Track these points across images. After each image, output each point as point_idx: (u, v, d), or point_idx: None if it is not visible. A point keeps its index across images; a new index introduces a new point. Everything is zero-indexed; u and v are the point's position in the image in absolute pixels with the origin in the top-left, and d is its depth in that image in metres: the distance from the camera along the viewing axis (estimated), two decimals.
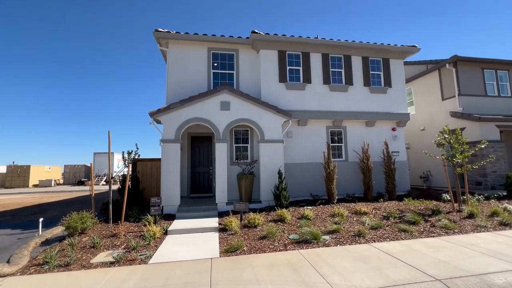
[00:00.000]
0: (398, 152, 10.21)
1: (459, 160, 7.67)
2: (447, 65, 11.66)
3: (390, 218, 6.88)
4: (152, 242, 5.58)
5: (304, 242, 5.39)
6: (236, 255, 4.86)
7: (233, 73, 9.65)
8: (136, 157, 7.62)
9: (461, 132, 8.80)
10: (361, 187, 9.21)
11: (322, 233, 5.88)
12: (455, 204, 7.54)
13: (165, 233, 6.21)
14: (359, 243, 5.33)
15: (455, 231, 5.99)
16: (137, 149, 7.57)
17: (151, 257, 4.79)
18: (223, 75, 9.60)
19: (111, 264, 4.52)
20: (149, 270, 4.18)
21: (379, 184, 9.38)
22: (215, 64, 9.62)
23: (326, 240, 5.48)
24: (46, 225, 6.60)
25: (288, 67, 9.70)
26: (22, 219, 7.74)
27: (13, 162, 28.79)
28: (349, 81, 10.12)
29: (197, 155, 10.39)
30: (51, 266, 4.38)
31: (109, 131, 7.22)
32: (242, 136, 9.55)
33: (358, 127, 10.18)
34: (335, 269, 4.09)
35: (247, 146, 9.48)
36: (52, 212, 9.23)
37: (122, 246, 5.37)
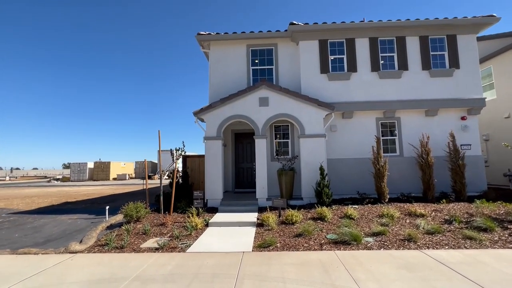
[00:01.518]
0: (470, 145, 8.62)
1: None
2: None
3: (454, 222, 5.87)
4: (194, 232, 5.98)
5: (342, 243, 5.02)
6: (268, 250, 4.84)
7: (272, 68, 9.56)
8: (183, 153, 8.25)
9: None
10: (419, 186, 8.09)
11: (365, 235, 5.38)
12: None
13: (206, 225, 6.58)
14: (408, 249, 4.70)
15: None
16: (184, 146, 8.20)
17: (189, 246, 5.14)
18: (262, 71, 9.60)
19: (156, 250, 5.02)
20: (185, 258, 4.49)
21: (443, 182, 8.09)
22: (255, 61, 9.68)
23: (368, 243, 4.99)
24: (113, 212, 7.72)
25: (330, 57, 9.10)
26: (97, 206, 9.25)
27: (100, 159, 34.58)
28: (403, 66, 8.94)
29: (241, 151, 10.67)
30: (110, 247, 5.12)
31: (159, 131, 8.01)
32: (282, 131, 9.42)
33: (415, 117, 8.94)
34: (372, 274, 3.69)
35: (288, 142, 9.30)
36: (120, 202, 10.75)
37: (168, 235, 5.90)
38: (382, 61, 9.06)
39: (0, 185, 24.84)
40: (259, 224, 6.42)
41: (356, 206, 7.43)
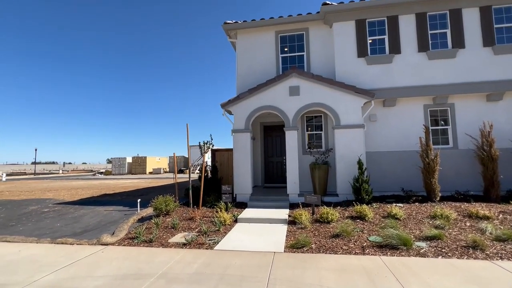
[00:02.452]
0: None
1: None
2: None
3: None
4: (222, 228, 5.73)
5: (388, 247, 4.35)
6: (302, 252, 4.37)
7: (303, 55, 8.90)
8: (211, 147, 8.05)
9: None
10: (479, 183, 6.94)
11: (416, 238, 4.63)
12: None
13: (235, 220, 6.30)
14: (474, 258, 3.89)
15: None
16: (211, 139, 7.98)
17: (217, 243, 4.88)
18: (292, 58, 8.99)
19: (183, 245, 4.84)
20: (212, 256, 4.22)
21: (511, 179, 6.84)
22: (284, 48, 9.10)
23: (421, 248, 4.26)
24: (145, 205, 7.82)
25: (368, 38, 8.17)
26: (132, 198, 9.54)
27: (137, 154, 36.73)
28: (458, 43, 7.68)
29: (270, 145, 10.24)
30: (139, 241, 5.06)
31: (187, 124, 7.89)
32: (314, 122, 8.76)
33: (473, 103, 7.66)
34: None
35: (321, 134, 8.62)
36: (153, 194, 11.03)
37: (196, 230, 5.72)
38: (433, 40, 7.87)
39: (53, 178, 27.62)
40: (291, 222, 5.96)
41: (401, 205, 6.59)
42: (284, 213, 6.54)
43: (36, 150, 41.43)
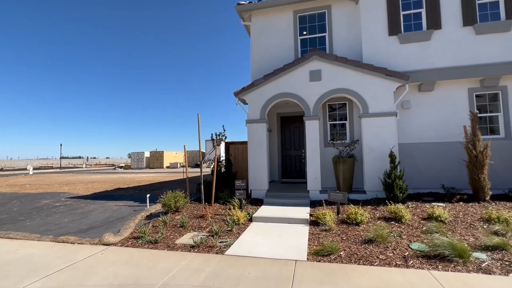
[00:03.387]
0: None
1: None
2: None
3: None
4: (235, 228, 5.11)
5: (437, 258, 3.52)
6: (329, 261, 3.65)
7: (324, 37, 7.98)
8: (224, 139, 7.43)
9: None
10: None
11: (472, 248, 3.76)
12: None
13: (250, 219, 5.67)
14: None
15: None
16: (224, 130, 7.34)
17: (229, 246, 4.27)
18: (312, 40, 8.11)
19: (191, 248, 4.28)
20: (223, 263, 3.61)
21: None
22: (303, 31, 8.22)
23: (482, 261, 3.39)
24: (155, 200, 7.40)
25: (402, 13, 7.11)
26: (144, 193, 9.19)
27: (156, 149, 37.21)
28: None
29: (288, 137, 9.48)
30: (144, 241, 4.57)
31: (198, 114, 7.31)
32: (338, 111, 7.87)
33: None
34: None
35: (345, 124, 7.73)
36: (166, 189, 10.67)
37: (207, 230, 5.16)
38: (480, 11, 6.69)
39: (76, 171, 28.55)
40: (313, 222, 5.23)
41: (442, 204, 5.66)
42: (304, 212, 5.82)
43: (61, 145, 43.22)
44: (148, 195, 7.10)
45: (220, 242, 4.49)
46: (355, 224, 4.92)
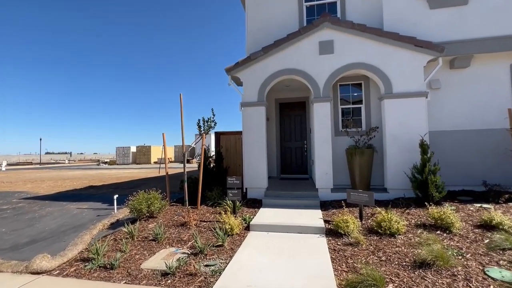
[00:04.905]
0: None
1: None
2: None
3: None
4: (227, 241, 3.75)
5: None
6: None
7: (335, 3, 6.61)
8: (213, 125, 5.99)
9: None
10: None
11: None
12: None
13: (247, 227, 4.33)
14: None
15: None
16: (213, 115, 5.92)
17: (220, 273, 2.90)
18: (320, 8, 6.73)
19: (163, 277, 2.89)
20: None
21: None
22: None
23: None
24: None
25: None
26: (119, 192, 7.70)
27: (144, 144, 35.21)
28: None
29: (287, 127, 8.16)
30: (94, 266, 3.14)
31: (180, 94, 5.87)
32: (351, 93, 6.56)
33: None
34: None
35: (360, 108, 6.43)
36: (146, 187, 9.23)
37: (189, 244, 3.78)
38: None
39: (55, 167, 26.42)
40: (331, 232, 3.94)
41: (489, 206, 4.48)
42: (316, 217, 4.53)
43: (41, 139, 40.56)
44: (115, 196, 5.62)
45: (206, 265, 3.12)
46: (389, 235, 3.65)
